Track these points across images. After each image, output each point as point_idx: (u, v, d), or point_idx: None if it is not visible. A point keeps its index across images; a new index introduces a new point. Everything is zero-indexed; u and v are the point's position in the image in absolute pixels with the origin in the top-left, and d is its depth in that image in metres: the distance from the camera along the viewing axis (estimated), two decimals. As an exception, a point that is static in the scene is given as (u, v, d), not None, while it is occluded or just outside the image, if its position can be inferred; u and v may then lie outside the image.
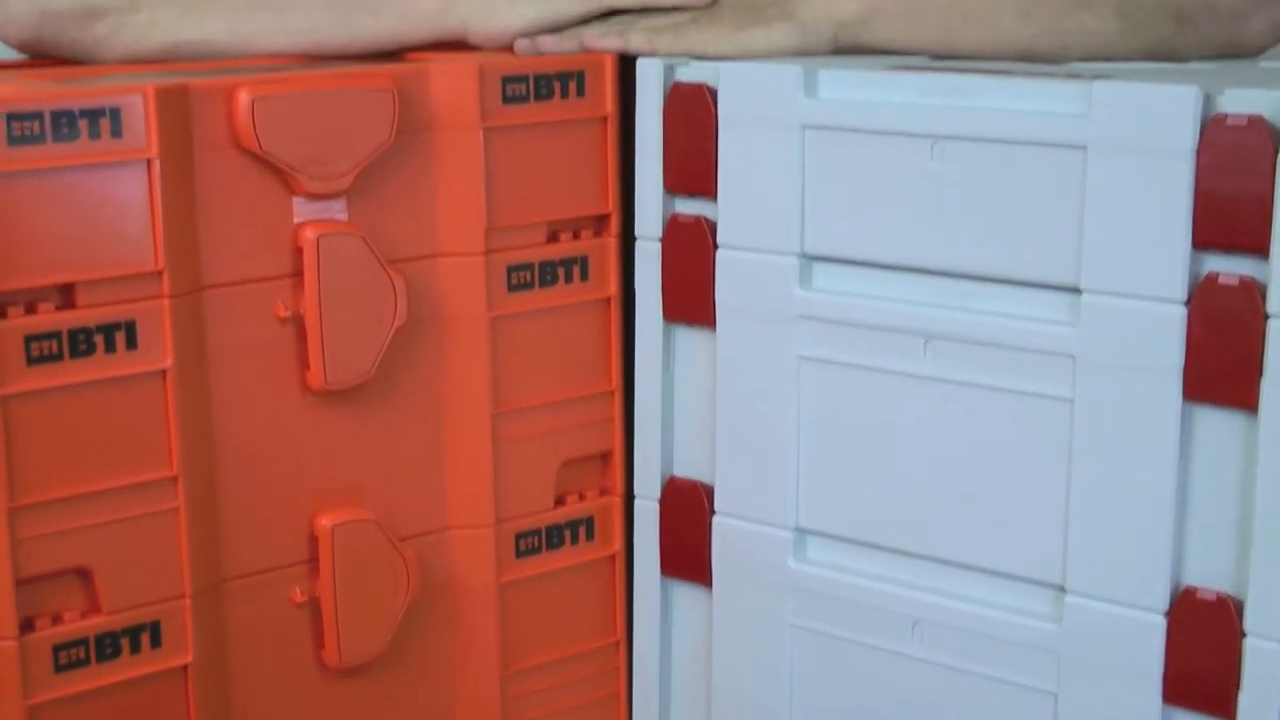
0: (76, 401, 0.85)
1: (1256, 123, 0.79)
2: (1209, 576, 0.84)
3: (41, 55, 1.06)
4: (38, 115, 0.81)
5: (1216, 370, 0.81)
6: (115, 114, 0.83)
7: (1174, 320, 0.82)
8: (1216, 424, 0.83)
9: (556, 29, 1.02)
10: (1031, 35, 1.02)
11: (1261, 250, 0.79)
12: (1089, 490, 0.86)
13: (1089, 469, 0.86)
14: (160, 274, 0.86)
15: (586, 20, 1.03)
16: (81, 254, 0.84)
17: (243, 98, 0.87)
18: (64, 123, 0.82)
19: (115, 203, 0.84)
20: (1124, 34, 1.03)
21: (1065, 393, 0.86)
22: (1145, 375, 0.83)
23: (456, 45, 1.04)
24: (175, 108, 0.85)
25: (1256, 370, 0.80)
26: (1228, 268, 0.81)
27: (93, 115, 0.83)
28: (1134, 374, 0.83)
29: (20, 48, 1.06)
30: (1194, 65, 1.00)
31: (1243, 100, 0.80)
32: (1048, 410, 0.87)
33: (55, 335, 0.83)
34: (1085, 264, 0.84)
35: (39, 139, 0.81)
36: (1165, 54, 1.03)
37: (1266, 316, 0.79)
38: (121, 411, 0.86)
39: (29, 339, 0.83)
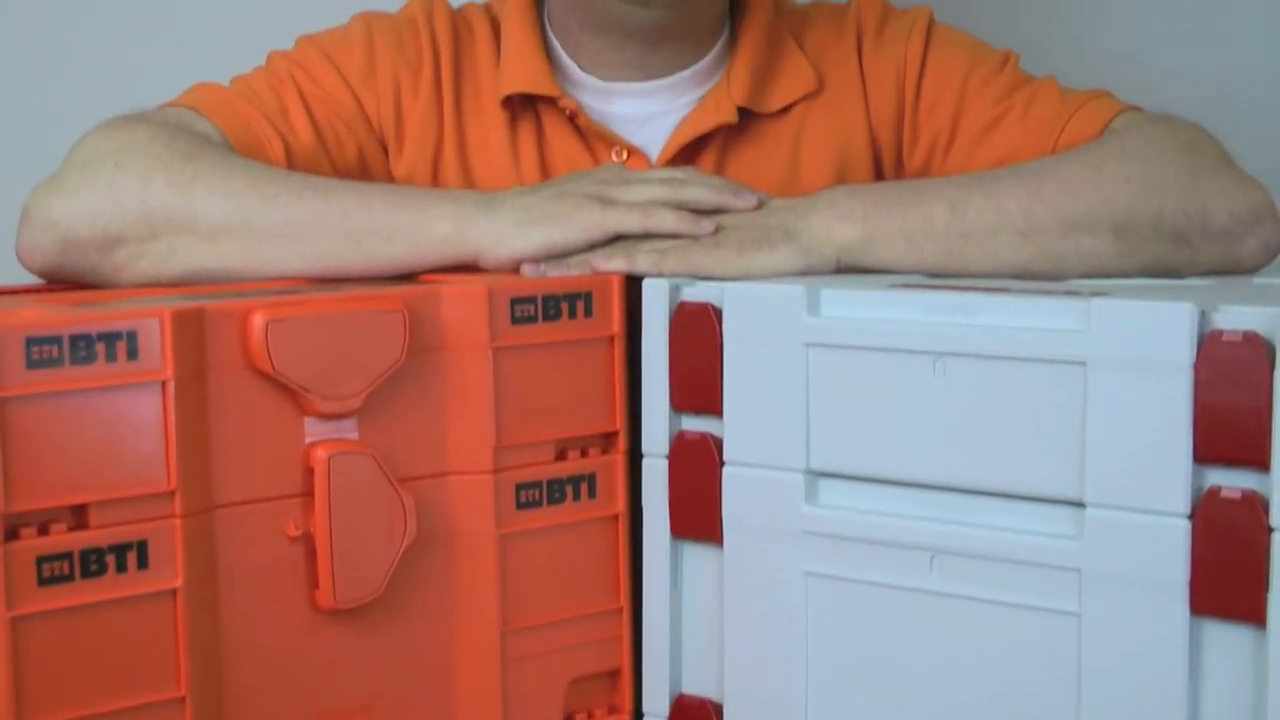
0: (86, 621, 0.85)
1: (1252, 339, 0.80)
2: (1223, 793, 0.83)
3: (62, 281, 1.08)
4: (56, 339, 0.83)
5: (1222, 584, 0.81)
6: (132, 337, 0.85)
7: (1178, 534, 0.82)
8: (1225, 638, 0.82)
9: (565, 254, 1.05)
10: (1029, 256, 1.04)
11: (1262, 464, 0.80)
12: (1099, 705, 0.85)
13: (1098, 683, 0.85)
14: (173, 494, 0.86)
15: (592, 246, 1.05)
16: (95, 474, 0.84)
17: (256, 320, 0.89)
18: (81, 346, 0.83)
19: (130, 423, 0.85)
20: (1120, 255, 1.05)
21: (1072, 607, 0.86)
22: (1151, 589, 0.83)
23: (467, 267, 1.06)
24: (190, 330, 0.87)
25: (1262, 585, 0.80)
26: (1230, 481, 0.81)
27: (110, 338, 0.84)
28: (1140, 588, 0.83)
29: (42, 274, 1.08)
30: (1189, 281, 1.02)
31: (1238, 317, 0.81)
32: (1055, 625, 0.86)
33: (67, 556, 0.84)
34: (1088, 478, 0.85)
35: (57, 362, 0.83)
36: (1160, 273, 1.05)
37: (1270, 530, 0.80)
38: (131, 631, 0.86)
39: (40, 560, 0.83)
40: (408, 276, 1.05)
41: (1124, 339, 0.83)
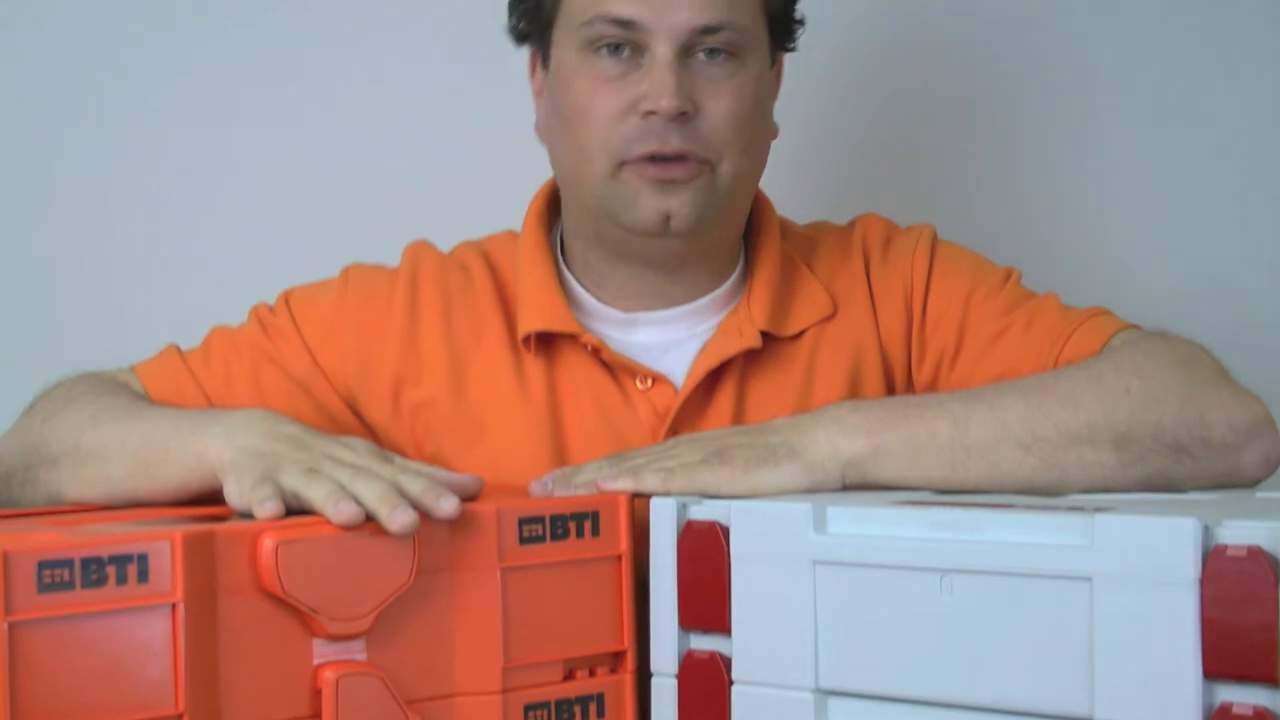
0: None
1: (1256, 553, 0.81)
2: None
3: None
4: (68, 563, 0.83)
5: (1237, 802, 0.81)
6: (143, 560, 0.85)
7: (1191, 752, 0.82)
8: None
9: (246, 508, 0.97)
10: (1032, 469, 1.05)
11: (1272, 680, 0.80)
12: None
13: None
14: (180, 717, 0.86)
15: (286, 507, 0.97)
16: (103, 697, 0.84)
17: (267, 543, 0.89)
18: (93, 569, 0.84)
19: (139, 646, 0.85)
20: (1122, 466, 1.05)
21: (1087, 827, 0.85)
22: (1166, 808, 0.82)
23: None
24: (201, 553, 0.87)
25: (1278, 802, 0.80)
26: (1241, 698, 0.81)
27: (121, 561, 0.84)
28: (1155, 807, 0.83)
29: None
30: (1192, 496, 1.03)
31: (1241, 532, 0.82)
32: (1070, 845, 0.86)
33: (71, 781, 0.83)
34: (1098, 694, 0.84)
35: (68, 586, 0.83)
36: (1162, 485, 1.06)
37: (1284, 747, 0.80)
38: None
39: (45, 784, 0.83)
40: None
41: (1129, 554, 0.84)
